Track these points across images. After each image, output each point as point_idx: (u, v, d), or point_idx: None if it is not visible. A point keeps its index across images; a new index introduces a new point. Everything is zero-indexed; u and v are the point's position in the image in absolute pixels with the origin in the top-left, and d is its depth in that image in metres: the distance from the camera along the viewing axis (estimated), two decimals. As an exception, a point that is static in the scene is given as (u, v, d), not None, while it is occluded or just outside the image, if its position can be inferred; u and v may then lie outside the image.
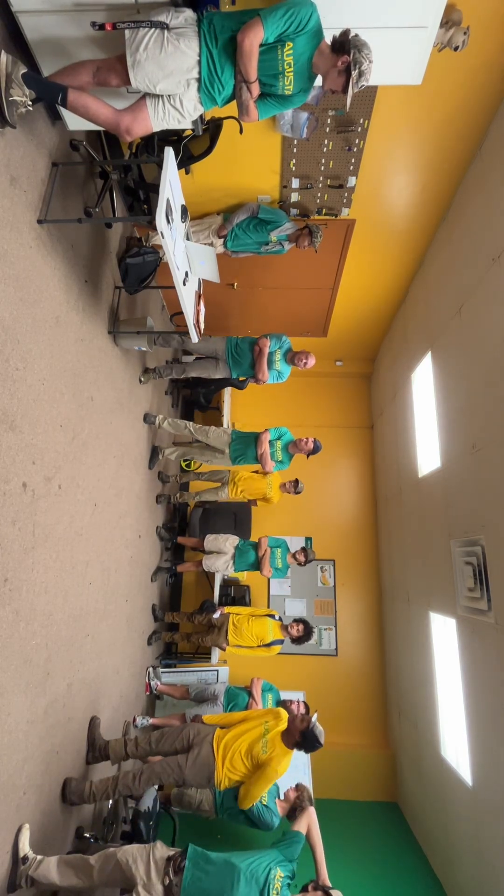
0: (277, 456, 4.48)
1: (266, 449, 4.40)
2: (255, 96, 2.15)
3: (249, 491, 4.73)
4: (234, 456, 4.52)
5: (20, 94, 2.10)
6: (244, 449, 4.49)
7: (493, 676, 3.13)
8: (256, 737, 2.78)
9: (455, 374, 3.87)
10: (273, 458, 4.44)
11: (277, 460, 4.48)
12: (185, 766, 2.73)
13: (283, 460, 4.52)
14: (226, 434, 4.56)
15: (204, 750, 2.77)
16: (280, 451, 4.50)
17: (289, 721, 2.80)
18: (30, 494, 2.34)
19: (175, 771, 2.73)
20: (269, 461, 4.40)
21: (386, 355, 6.08)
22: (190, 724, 3.01)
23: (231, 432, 4.58)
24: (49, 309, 2.57)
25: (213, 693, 4.17)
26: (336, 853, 4.22)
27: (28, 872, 2.15)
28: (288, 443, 4.54)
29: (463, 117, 3.26)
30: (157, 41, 2.03)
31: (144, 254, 3.39)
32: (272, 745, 2.74)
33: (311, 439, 4.48)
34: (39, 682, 2.43)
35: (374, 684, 5.69)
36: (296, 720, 2.74)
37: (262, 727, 2.83)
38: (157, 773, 2.75)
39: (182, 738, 2.89)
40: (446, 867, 3.92)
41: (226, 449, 4.53)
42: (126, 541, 3.88)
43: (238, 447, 4.50)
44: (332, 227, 4.15)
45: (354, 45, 2.01)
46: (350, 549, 6.13)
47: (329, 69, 2.08)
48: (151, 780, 2.76)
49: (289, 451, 4.54)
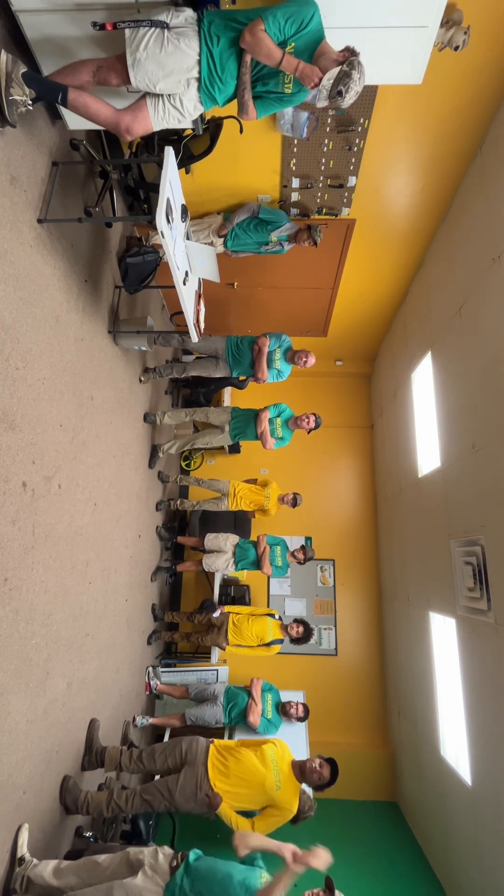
0: (277, 433, 4.43)
1: (266, 427, 4.35)
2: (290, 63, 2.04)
3: (249, 503, 4.75)
4: (234, 434, 4.51)
5: (20, 93, 2.10)
6: (244, 427, 4.47)
7: (492, 676, 3.13)
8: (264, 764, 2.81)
9: (455, 374, 3.87)
10: (273, 434, 4.39)
11: (278, 437, 4.43)
12: (174, 790, 2.70)
13: (283, 437, 4.47)
14: (225, 412, 4.55)
15: (198, 771, 2.76)
16: (280, 428, 4.45)
17: (306, 770, 2.86)
18: (30, 494, 2.34)
19: (165, 796, 2.71)
20: (269, 439, 4.35)
21: (386, 355, 6.08)
22: (184, 739, 2.96)
23: (231, 409, 4.57)
24: (49, 308, 2.57)
25: (212, 693, 4.17)
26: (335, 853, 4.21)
27: (24, 874, 2.15)
28: (288, 419, 4.51)
29: (463, 117, 3.25)
30: (157, 40, 2.03)
31: (144, 253, 3.39)
32: (285, 781, 2.78)
33: (312, 417, 4.43)
34: (39, 681, 2.43)
35: (373, 684, 5.69)
36: (313, 774, 2.82)
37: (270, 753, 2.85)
38: (147, 800, 2.72)
39: (175, 754, 2.87)
40: (446, 867, 3.92)
41: (226, 426, 4.52)
42: (126, 540, 3.88)
43: (238, 424, 4.49)
44: (333, 227, 4.15)
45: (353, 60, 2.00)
46: (350, 548, 6.13)
47: (328, 67, 2.07)
48: (143, 806, 2.73)
49: (289, 426, 4.49)
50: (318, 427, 4.47)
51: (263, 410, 4.42)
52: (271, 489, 4.77)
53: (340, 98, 2.01)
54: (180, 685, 4.37)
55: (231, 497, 4.73)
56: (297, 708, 4.21)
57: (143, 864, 2.12)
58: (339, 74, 1.98)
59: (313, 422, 4.43)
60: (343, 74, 1.97)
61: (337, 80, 1.98)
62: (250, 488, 4.77)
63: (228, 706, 4.07)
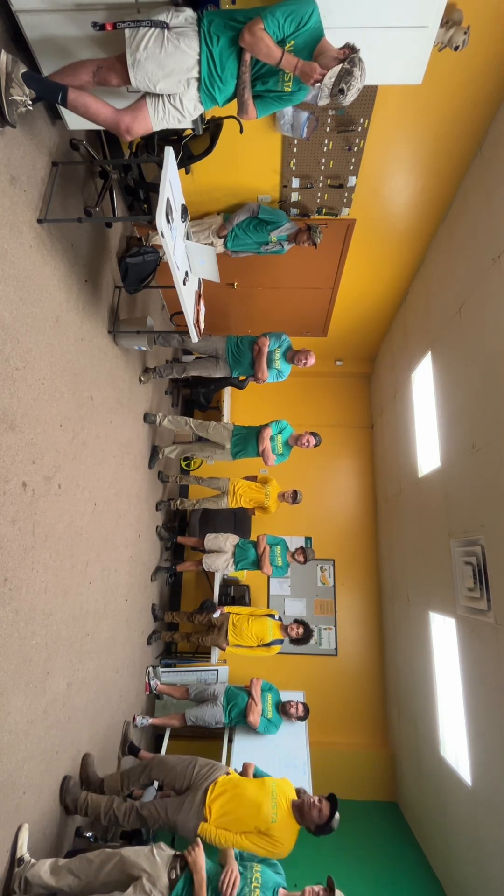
0: (278, 449, 4.48)
1: (267, 445, 4.39)
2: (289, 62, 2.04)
3: (248, 500, 4.75)
4: (235, 451, 4.52)
5: (20, 93, 2.10)
6: (245, 444, 4.49)
7: (492, 676, 3.13)
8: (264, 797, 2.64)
9: (455, 374, 3.87)
10: (274, 451, 4.44)
11: (278, 454, 4.49)
12: (170, 811, 2.62)
13: (283, 453, 4.53)
14: (226, 430, 4.56)
15: (196, 798, 2.64)
16: (281, 445, 4.50)
17: (304, 807, 2.59)
18: (30, 494, 2.34)
19: (161, 816, 2.63)
20: (270, 456, 4.40)
21: (386, 355, 6.08)
22: (194, 762, 2.85)
23: (232, 427, 4.58)
24: (49, 309, 2.57)
25: (212, 693, 4.17)
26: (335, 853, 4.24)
27: (23, 874, 2.15)
28: (288, 437, 4.55)
29: (463, 117, 3.25)
30: (157, 40, 2.03)
31: (144, 253, 3.39)
32: (283, 817, 2.56)
33: (312, 438, 4.48)
34: (39, 681, 2.43)
35: (373, 684, 5.69)
36: (312, 810, 2.55)
37: (271, 784, 2.72)
38: (144, 816, 2.65)
39: (184, 776, 2.78)
40: (445, 866, 3.92)
41: (226, 444, 4.53)
42: (126, 540, 3.88)
43: (239, 442, 4.51)
44: (332, 227, 4.14)
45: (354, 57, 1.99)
46: (350, 548, 6.12)
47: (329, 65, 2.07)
48: (139, 822, 2.68)
49: (289, 443, 4.54)
50: (317, 446, 4.53)
51: (265, 428, 4.45)
52: (271, 486, 4.77)
53: (342, 96, 2.00)
54: (180, 685, 4.37)
55: (231, 494, 4.73)
56: (297, 708, 4.21)
57: (141, 876, 2.05)
58: (341, 72, 1.97)
59: (313, 442, 4.48)
60: (344, 72, 1.96)
61: (338, 78, 1.98)
62: (250, 485, 4.77)
63: (228, 706, 4.07)
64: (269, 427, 4.45)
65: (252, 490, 4.75)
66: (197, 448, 4.75)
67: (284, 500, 4.74)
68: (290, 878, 2.31)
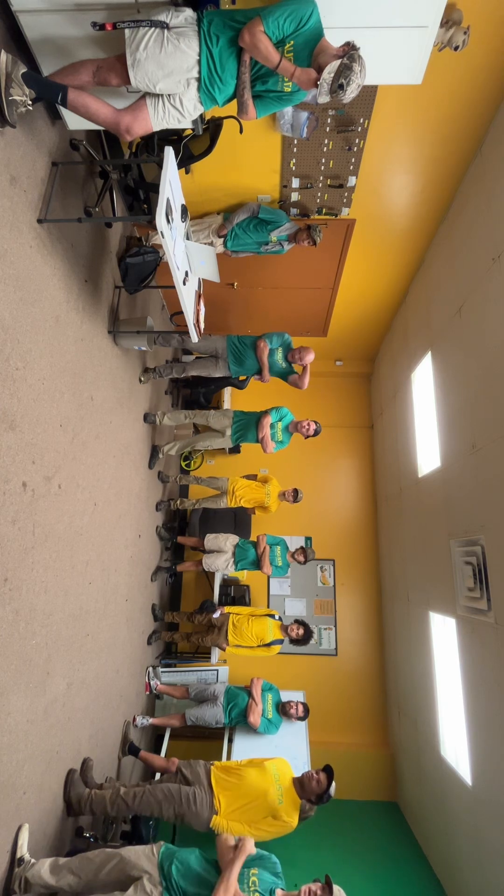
0: (278, 437, 4.46)
1: (267, 432, 4.37)
2: (286, 68, 2.06)
3: (248, 500, 4.75)
4: (236, 437, 4.53)
5: (20, 93, 2.10)
6: (245, 431, 4.49)
7: (492, 676, 3.13)
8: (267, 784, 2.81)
9: (455, 374, 3.87)
10: (273, 438, 4.43)
11: (278, 441, 4.47)
12: (183, 799, 2.74)
13: (283, 440, 4.51)
14: (226, 417, 4.56)
15: (202, 789, 2.79)
16: (280, 432, 4.48)
17: (304, 781, 2.84)
18: (30, 494, 2.34)
19: (175, 800, 2.74)
20: (269, 443, 4.38)
21: (386, 355, 6.08)
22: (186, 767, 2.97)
23: (232, 414, 4.58)
24: (49, 309, 2.57)
25: (212, 693, 4.17)
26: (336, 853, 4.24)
27: (23, 874, 2.15)
28: (288, 423, 4.53)
29: (463, 117, 3.25)
30: (157, 40, 2.03)
31: (144, 253, 3.39)
32: (287, 796, 2.78)
33: (312, 423, 4.46)
34: (39, 681, 2.43)
35: (374, 684, 5.69)
36: (311, 782, 2.80)
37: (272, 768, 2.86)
38: (159, 799, 2.74)
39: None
40: (446, 867, 3.92)
41: (227, 430, 4.53)
42: (126, 540, 3.88)
43: (239, 428, 4.51)
44: (332, 227, 4.15)
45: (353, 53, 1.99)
46: (350, 548, 6.12)
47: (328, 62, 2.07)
48: (149, 806, 2.75)
49: (289, 430, 4.53)
50: (317, 434, 4.49)
51: (265, 415, 4.43)
52: (272, 486, 4.76)
53: (342, 91, 2.00)
54: (180, 685, 4.37)
55: (230, 494, 4.73)
56: (297, 708, 4.21)
57: (142, 877, 2.07)
58: (340, 67, 1.97)
59: (313, 428, 4.45)
60: (344, 67, 1.96)
61: (338, 74, 1.98)
62: (250, 485, 4.76)
63: (228, 706, 4.07)
64: (268, 415, 4.43)
65: (252, 489, 4.74)
66: (197, 439, 4.74)
67: (285, 498, 4.74)
68: (290, 879, 2.31)
